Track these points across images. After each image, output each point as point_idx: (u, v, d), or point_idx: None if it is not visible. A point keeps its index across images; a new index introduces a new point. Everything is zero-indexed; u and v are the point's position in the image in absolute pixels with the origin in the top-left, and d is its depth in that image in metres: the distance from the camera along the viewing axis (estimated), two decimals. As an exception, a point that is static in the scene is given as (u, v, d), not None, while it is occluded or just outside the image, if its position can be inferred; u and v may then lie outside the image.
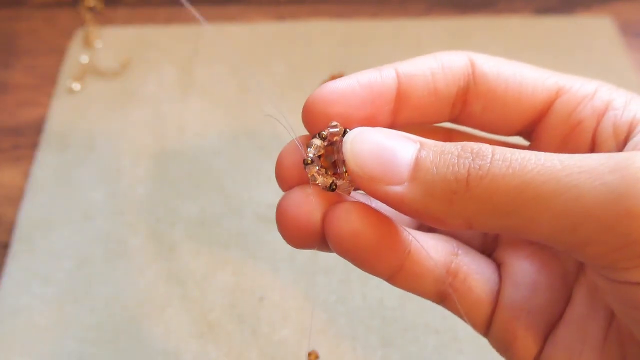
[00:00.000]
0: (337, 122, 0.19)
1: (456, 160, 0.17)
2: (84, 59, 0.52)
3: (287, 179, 0.20)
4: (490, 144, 0.18)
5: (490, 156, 0.17)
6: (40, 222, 0.42)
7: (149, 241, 0.41)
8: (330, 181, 0.19)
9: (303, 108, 0.20)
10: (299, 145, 0.20)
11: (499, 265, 0.22)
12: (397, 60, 0.21)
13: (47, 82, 0.51)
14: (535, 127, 0.22)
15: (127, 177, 0.44)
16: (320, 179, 0.19)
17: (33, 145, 0.46)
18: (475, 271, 0.21)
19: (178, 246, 0.41)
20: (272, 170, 0.48)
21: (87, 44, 0.53)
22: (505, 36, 0.53)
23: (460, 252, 0.22)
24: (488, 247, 0.23)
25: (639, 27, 0.54)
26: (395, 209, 0.18)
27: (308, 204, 0.19)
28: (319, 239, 0.19)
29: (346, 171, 0.19)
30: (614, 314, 0.20)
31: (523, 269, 0.21)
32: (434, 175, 0.17)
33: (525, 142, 0.23)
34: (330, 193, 0.19)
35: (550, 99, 0.21)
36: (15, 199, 0.43)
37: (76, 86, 0.50)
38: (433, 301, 0.22)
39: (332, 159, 0.20)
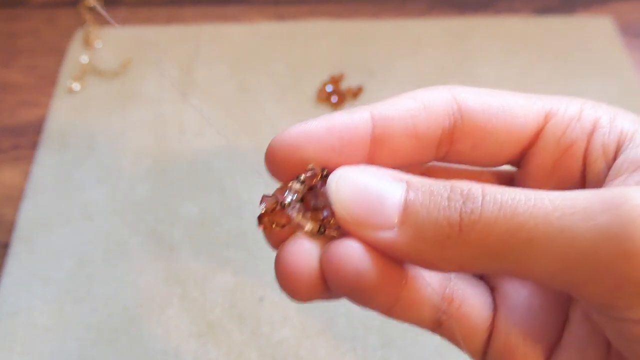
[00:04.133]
0: (313, 164, 0.18)
1: (447, 203, 0.17)
2: (84, 59, 0.52)
3: (274, 239, 0.20)
4: (478, 181, 0.17)
5: (480, 198, 0.16)
6: (40, 222, 0.42)
7: (149, 241, 0.41)
8: (319, 225, 0.18)
9: (266, 152, 0.19)
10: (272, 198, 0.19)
11: (492, 289, 0.22)
12: (396, 60, 0.21)
13: (47, 82, 0.51)
14: (525, 153, 0.21)
15: (127, 177, 0.44)
16: (308, 225, 0.18)
17: (33, 145, 0.46)
18: (470, 296, 0.21)
19: (178, 246, 0.41)
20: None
21: (87, 44, 0.53)
22: (505, 36, 0.53)
23: (453, 276, 0.21)
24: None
25: (639, 27, 0.54)
26: (386, 254, 0.18)
27: (305, 252, 0.18)
28: (323, 286, 0.18)
29: (333, 215, 0.18)
30: None
31: (517, 293, 0.21)
32: (425, 219, 0.17)
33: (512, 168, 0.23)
34: (322, 238, 0.18)
35: (539, 125, 0.20)
36: (15, 199, 0.43)
37: (76, 86, 0.50)
38: (428, 329, 0.21)
39: (314, 204, 0.19)
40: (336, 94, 0.49)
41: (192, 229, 0.41)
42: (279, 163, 0.19)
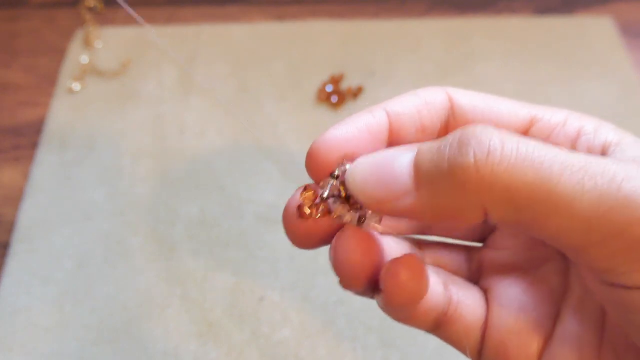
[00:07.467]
0: (345, 161, 0.19)
1: (457, 151, 0.17)
2: (84, 59, 0.52)
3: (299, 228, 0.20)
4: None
5: (499, 145, 0.16)
6: (40, 222, 0.42)
7: (149, 241, 0.41)
8: (358, 215, 0.19)
9: (307, 155, 0.20)
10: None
11: (484, 291, 0.23)
12: (396, 60, 0.21)
13: (47, 82, 0.51)
14: None
15: (127, 177, 0.44)
16: (347, 216, 0.19)
17: (33, 145, 0.46)
18: (465, 297, 0.22)
19: (178, 246, 0.41)
20: (271, 171, 0.48)
21: (87, 44, 0.53)
22: (505, 36, 0.53)
23: (449, 281, 0.22)
24: (473, 276, 0.24)
25: (639, 27, 0.54)
26: (414, 220, 0.18)
27: (365, 249, 0.19)
28: (369, 281, 0.20)
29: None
30: (605, 327, 0.20)
31: (509, 292, 0.22)
32: (437, 174, 0.17)
33: None
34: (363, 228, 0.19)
35: (524, 127, 0.21)
36: (15, 199, 0.43)
37: (76, 86, 0.50)
38: (427, 331, 0.22)
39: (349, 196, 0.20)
40: (336, 94, 0.49)
41: (192, 229, 0.41)
42: (319, 164, 0.20)
